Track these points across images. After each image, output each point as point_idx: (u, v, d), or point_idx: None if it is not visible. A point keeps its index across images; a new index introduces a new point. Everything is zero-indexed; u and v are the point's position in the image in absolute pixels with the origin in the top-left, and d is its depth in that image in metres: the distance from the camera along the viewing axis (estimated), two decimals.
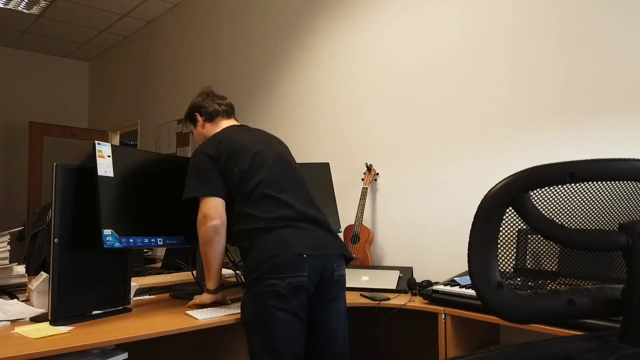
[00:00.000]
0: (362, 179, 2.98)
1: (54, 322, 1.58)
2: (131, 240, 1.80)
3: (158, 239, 1.92)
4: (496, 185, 0.65)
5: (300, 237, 1.71)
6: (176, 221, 2.01)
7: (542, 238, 0.68)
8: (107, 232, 1.71)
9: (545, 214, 0.66)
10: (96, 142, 1.72)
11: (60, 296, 1.60)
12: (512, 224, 0.66)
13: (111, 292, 1.79)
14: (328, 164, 2.77)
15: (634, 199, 0.69)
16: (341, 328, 1.77)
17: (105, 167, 1.73)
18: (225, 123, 2.06)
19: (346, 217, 3.09)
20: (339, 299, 1.77)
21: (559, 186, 0.66)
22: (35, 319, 1.65)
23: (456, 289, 1.95)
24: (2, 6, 4.99)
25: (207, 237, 1.74)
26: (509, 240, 0.66)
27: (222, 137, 1.89)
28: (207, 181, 1.79)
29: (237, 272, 2.54)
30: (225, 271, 2.78)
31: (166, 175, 2.01)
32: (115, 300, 1.81)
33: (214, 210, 1.74)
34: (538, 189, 0.66)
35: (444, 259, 2.58)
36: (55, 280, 1.59)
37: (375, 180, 2.95)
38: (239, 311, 1.93)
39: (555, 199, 0.67)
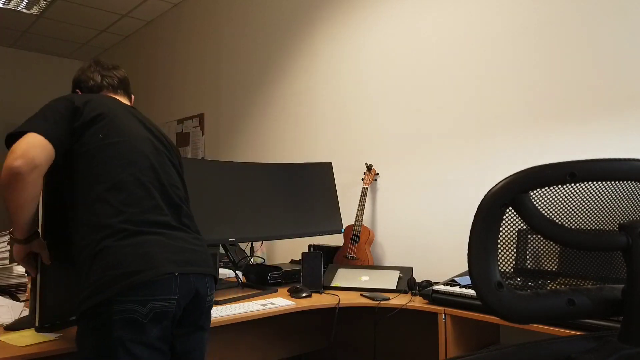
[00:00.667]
0: (362, 179, 2.98)
1: (40, 329, 1.47)
2: None
3: None
4: (496, 185, 0.65)
5: (169, 249, 1.32)
6: None
7: (542, 238, 0.68)
8: None
9: (545, 214, 0.66)
10: None
11: (47, 302, 1.48)
12: (512, 224, 0.66)
13: None
14: (330, 163, 2.77)
15: (634, 199, 0.69)
16: None
17: None
18: None
19: (346, 217, 3.09)
20: (206, 328, 1.46)
21: (559, 186, 0.66)
22: (12, 327, 1.58)
23: (456, 289, 1.95)
24: (2, 6, 4.99)
25: (1, 182, 1.26)
26: (509, 240, 0.66)
27: (94, 97, 1.51)
28: (45, 120, 1.33)
29: (236, 272, 2.54)
30: (224, 271, 2.77)
31: None
32: None
33: (24, 145, 1.25)
34: (538, 189, 0.66)
35: (444, 259, 2.58)
36: (42, 285, 1.46)
37: (375, 180, 2.95)
38: (242, 311, 1.91)
39: (555, 199, 0.67)
